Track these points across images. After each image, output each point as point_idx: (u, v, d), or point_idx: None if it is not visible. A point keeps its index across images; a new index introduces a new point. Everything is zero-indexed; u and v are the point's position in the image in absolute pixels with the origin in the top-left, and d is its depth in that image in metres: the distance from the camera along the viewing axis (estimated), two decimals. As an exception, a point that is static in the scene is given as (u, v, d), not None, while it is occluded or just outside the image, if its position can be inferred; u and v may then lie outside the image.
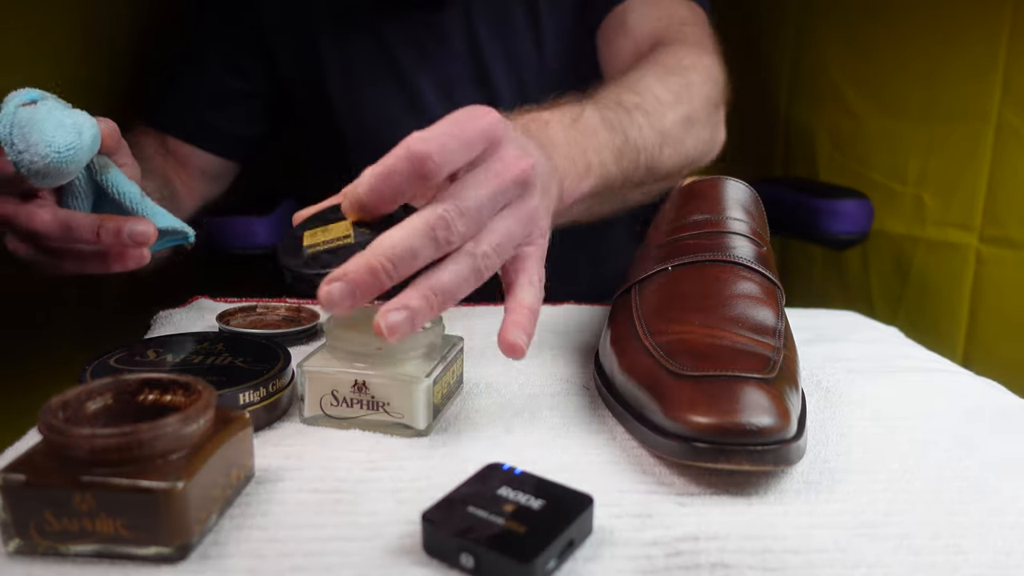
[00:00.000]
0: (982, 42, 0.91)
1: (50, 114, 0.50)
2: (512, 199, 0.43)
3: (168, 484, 0.33)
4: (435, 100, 0.88)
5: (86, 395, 0.37)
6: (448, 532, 0.34)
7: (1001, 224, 0.91)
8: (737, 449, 0.38)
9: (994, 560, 0.36)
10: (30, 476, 0.33)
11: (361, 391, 0.45)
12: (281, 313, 0.66)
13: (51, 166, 0.50)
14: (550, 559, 0.33)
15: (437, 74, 0.87)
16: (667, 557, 0.35)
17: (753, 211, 0.54)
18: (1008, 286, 0.90)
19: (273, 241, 0.94)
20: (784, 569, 0.34)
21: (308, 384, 0.47)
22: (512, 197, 0.43)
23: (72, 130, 0.50)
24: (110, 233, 0.52)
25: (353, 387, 0.46)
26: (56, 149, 0.49)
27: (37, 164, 0.50)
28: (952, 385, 0.56)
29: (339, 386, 0.46)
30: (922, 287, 1.01)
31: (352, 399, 0.46)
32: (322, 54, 0.88)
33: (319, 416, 0.47)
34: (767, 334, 0.46)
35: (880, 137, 1.06)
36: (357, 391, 0.46)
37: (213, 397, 0.37)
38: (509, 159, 0.43)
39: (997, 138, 0.91)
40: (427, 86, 0.87)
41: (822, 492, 0.41)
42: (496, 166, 0.42)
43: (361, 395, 0.46)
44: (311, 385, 0.46)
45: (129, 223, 0.52)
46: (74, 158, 0.50)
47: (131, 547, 0.34)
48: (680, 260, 0.51)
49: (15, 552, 0.34)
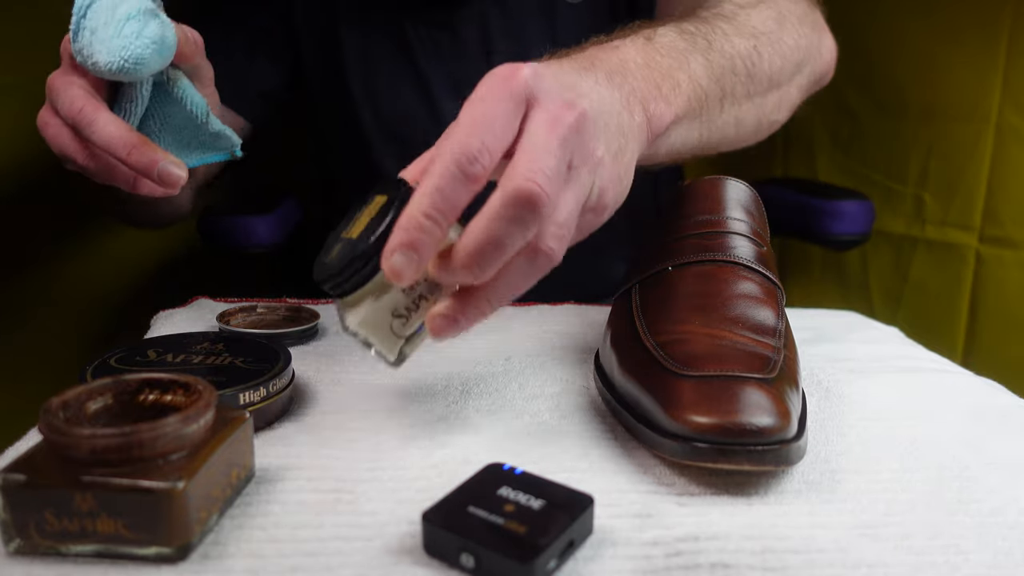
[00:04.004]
0: (982, 42, 0.91)
1: (137, 14, 0.47)
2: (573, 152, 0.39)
3: (168, 484, 0.33)
4: (448, 99, 0.88)
5: (86, 395, 0.37)
6: (448, 532, 0.34)
7: (1001, 224, 0.91)
8: (737, 449, 0.38)
9: (994, 560, 0.36)
10: (30, 476, 0.33)
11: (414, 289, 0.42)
12: (281, 313, 0.66)
13: (116, 72, 0.48)
14: (550, 559, 0.33)
15: (451, 73, 0.87)
16: (667, 557, 0.35)
17: (754, 211, 0.54)
18: (1008, 286, 0.90)
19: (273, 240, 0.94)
20: (784, 569, 0.34)
21: (371, 333, 0.42)
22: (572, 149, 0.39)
23: (153, 42, 0.47)
24: (142, 160, 0.50)
25: (406, 292, 0.42)
26: (127, 57, 0.47)
27: (102, 62, 0.47)
28: (952, 385, 0.56)
29: (396, 304, 0.42)
30: (922, 287, 1.01)
31: (414, 300, 0.42)
32: (344, 46, 0.89)
33: (405, 346, 0.43)
34: (767, 334, 0.46)
35: (880, 137, 1.06)
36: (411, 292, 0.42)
37: (213, 397, 0.37)
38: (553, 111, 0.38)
39: (997, 138, 0.91)
40: (441, 84, 0.88)
41: (822, 492, 0.41)
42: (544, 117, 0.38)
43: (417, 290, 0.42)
44: (374, 330, 0.42)
45: (164, 160, 0.50)
46: (141, 71, 0.48)
47: (131, 547, 0.34)
48: (680, 260, 0.51)
49: (15, 552, 0.34)
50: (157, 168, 0.50)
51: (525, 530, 0.34)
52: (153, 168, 0.50)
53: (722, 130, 0.56)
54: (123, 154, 0.49)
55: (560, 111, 0.38)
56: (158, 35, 0.48)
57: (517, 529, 0.34)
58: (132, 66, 0.47)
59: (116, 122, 0.50)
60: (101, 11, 0.47)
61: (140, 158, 0.49)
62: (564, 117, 0.38)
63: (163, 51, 0.48)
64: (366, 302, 0.41)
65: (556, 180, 0.37)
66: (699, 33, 0.54)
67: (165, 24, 0.49)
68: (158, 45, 0.48)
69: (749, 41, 0.57)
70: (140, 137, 0.50)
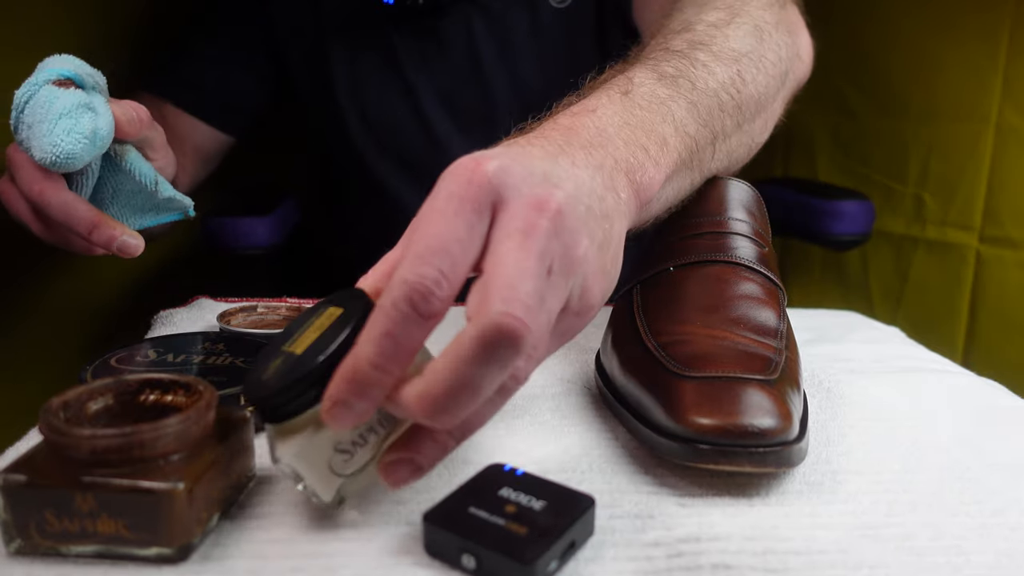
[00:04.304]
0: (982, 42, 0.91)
1: (70, 111, 0.49)
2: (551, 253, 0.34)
3: (169, 485, 0.33)
4: (437, 108, 0.88)
5: (87, 395, 0.37)
6: (449, 533, 0.34)
7: (1001, 224, 0.91)
8: (739, 451, 0.38)
9: (996, 561, 0.36)
10: (31, 476, 0.33)
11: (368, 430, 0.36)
12: (282, 313, 0.66)
13: (50, 164, 0.50)
14: (552, 560, 0.33)
15: (439, 82, 0.87)
16: (668, 558, 0.35)
17: (755, 212, 0.54)
18: (1008, 286, 0.90)
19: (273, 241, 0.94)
20: (786, 570, 0.34)
21: (307, 469, 0.35)
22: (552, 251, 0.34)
23: (84, 137, 0.50)
24: (102, 237, 0.53)
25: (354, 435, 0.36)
26: (58, 153, 0.49)
27: (36, 155, 0.50)
28: (952, 385, 0.56)
29: (340, 437, 0.36)
30: (922, 287, 1.01)
31: (362, 435, 0.36)
32: (331, 57, 0.89)
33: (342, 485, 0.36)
34: (769, 335, 0.46)
35: (880, 137, 1.06)
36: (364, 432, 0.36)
37: (214, 397, 0.37)
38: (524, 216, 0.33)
39: (997, 138, 0.91)
40: (429, 94, 0.88)
41: (824, 493, 0.41)
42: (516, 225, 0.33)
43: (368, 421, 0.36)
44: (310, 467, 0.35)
45: (122, 235, 0.54)
46: (75, 164, 0.50)
47: (132, 548, 0.34)
48: (682, 260, 0.51)
49: (16, 553, 0.34)
50: (116, 243, 0.54)
51: (526, 531, 0.34)
52: (112, 243, 0.54)
53: (714, 170, 0.53)
54: (84, 233, 0.53)
55: (532, 215, 0.33)
56: (89, 130, 0.50)
57: (518, 530, 0.34)
58: (65, 160, 0.49)
59: (74, 202, 0.53)
60: (37, 107, 0.50)
61: (100, 236, 0.53)
62: (538, 222, 0.33)
63: (95, 143, 0.51)
64: (304, 432, 0.35)
65: (536, 306, 0.31)
66: (680, 74, 0.50)
67: (99, 116, 0.51)
68: (89, 141, 0.50)
69: (731, 68, 0.53)
70: (98, 215, 0.53)
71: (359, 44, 0.88)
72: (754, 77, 0.54)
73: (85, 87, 0.52)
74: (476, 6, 0.85)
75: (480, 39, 0.85)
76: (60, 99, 0.49)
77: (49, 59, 0.53)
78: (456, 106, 0.88)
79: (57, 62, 0.53)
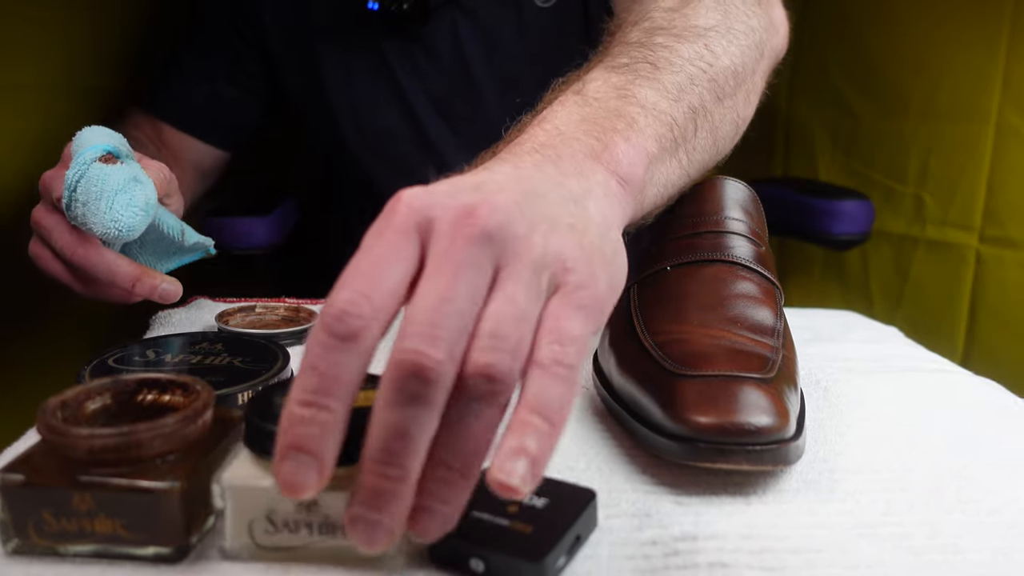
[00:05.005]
0: (982, 42, 0.91)
1: (124, 186, 0.52)
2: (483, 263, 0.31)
3: (167, 484, 0.33)
4: (428, 111, 0.89)
5: (85, 395, 0.37)
6: (454, 537, 0.33)
7: (1001, 224, 0.91)
8: (736, 449, 0.38)
9: (993, 560, 0.36)
10: (29, 476, 0.33)
11: (310, 510, 0.33)
12: (280, 313, 0.66)
13: (113, 238, 0.52)
14: (560, 556, 0.33)
15: (429, 85, 0.88)
16: (665, 556, 0.35)
17: (752, 211, 0.54)
18: (1008, 286, 0.90)
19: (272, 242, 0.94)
20: (783, 569, 0.34)
21: (232, 504, 0.33)
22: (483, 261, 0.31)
23: (140, 210, 0.52)
24: (144, 288, 0.57)
25: (300, 506, 0.33)
26: (120, 228, 0.52)
27: (96, 231, 0.52)
28: (952, 385, 0.56)
29: (278, 505, 0.33)
30: (922, 287, 1.01)
31: (297, 522, 0.33)
32: (323, 65, 0.89)
33: (247, 546, 0.34)
34: (766, 334, 0.46)
35: (880, 137, 1.06)
36: (305, 511, 0.33)
37: (212, 397, 0.37)
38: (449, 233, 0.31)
39: (997, 138, 0.91)
40: (420, 97, 0.88)
41: (821, 492, 0.41)
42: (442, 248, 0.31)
43: (310, 515, 0.33)
44: (236, 505, 0.33)
45: (162, 283, 0.57)
46: (134, 235, 0.53)
47: (130, 547, 0.34)
48: (679, 260, 0.51)
49: (13, 552, 0.34)
50: (158, 292, 0.57)
51: (531, 529, 0.34)
52: (154, 292, 0.57)
53: (703, 150, 0.51)
54: (128, 287, 0.56)
55: (457, 226, 0.31)
56: (143, 202, 0.53)
57: (523, 529, 0.34)
58: (127, 234, 0.53)
59: (116, 260, 0.56)
60: (91, 186, 0.51)
61: (142, 288, 0.57)
62: (463, 231, 0.31)
63: (148, 212, 0.54)
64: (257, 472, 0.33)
65: (448, 330, 0.29)
66: (637, 61, 0.48)
67: (146, 185, 0.54)
68: (144, 212, 0.53)
69: (697, 43, 0.51)
70: (139, 269, 0.57)
71: (349, 49, 0.88)
72: (725, 49, 0.53)
73: (122, 157, 0.55)
74: (461, 10, 0.85)
75: (467, 42, 0.86)
76: (111, 176, 0.52)
77: (85, 133, 0.55)
78: (447, 108, 0.89)
79: (94, 136, 0.55)
